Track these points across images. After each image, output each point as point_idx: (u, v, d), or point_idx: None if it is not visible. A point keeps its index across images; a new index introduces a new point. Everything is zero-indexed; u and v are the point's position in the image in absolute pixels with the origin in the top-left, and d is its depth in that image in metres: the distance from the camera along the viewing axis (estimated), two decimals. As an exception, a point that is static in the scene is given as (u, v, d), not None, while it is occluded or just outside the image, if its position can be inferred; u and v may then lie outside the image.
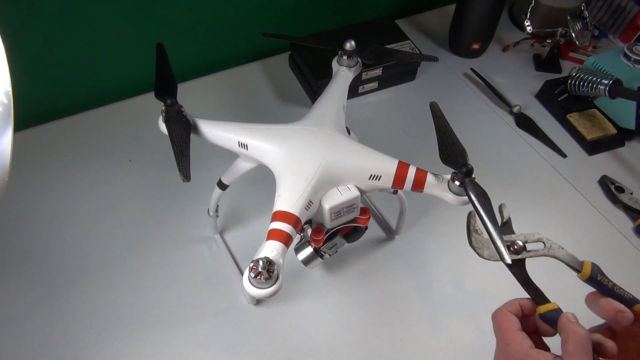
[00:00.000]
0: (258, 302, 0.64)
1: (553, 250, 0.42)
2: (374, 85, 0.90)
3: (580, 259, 0.41)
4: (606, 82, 0.78)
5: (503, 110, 0.89)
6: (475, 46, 0.95)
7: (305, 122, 0.53)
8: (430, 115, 0.48)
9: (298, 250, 0.56)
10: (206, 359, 0.60)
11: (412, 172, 0.48)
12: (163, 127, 0.50)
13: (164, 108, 0.50)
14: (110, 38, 0.81)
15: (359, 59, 0.61)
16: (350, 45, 0.58)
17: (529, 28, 0.92)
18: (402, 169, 0.48)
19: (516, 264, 0.42)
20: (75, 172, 0.77)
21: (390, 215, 0.73)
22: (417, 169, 0.48)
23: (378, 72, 0.87)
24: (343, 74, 0.59)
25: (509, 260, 0.40)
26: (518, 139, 0.85)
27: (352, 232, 0.56)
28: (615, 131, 0.83)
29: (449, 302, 0.65)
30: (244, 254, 0.68)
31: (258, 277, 0.39)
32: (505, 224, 0.44)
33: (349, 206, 0.49)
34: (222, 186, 0.60)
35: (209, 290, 0.65)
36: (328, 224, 0.50)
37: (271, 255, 0.40)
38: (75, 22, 0.76)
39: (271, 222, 0.44)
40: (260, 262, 0.39)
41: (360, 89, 0.89)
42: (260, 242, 0.44)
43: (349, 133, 0.55)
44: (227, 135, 0.51)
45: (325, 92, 0.57)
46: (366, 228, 0.56)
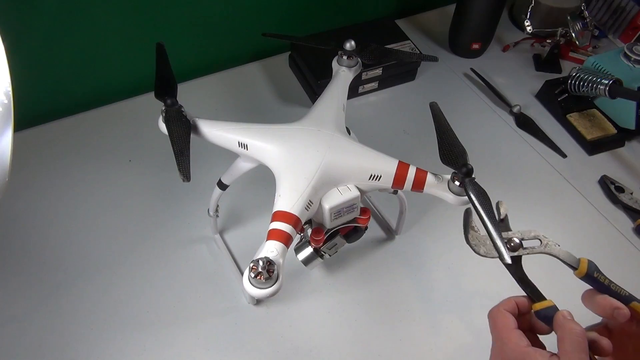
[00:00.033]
0: (258, 302, 0.64)
1: (549, 247, 0.42)
2: (374, 85, 0.90)
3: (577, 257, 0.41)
4: (606, 82, 0.78)
5: (503, 110, 0.89)
6: (475, 46, 0.95)
7: (305, 122, 0.53)
8: (430, 115, 0.48)
9: (298, 250, 0.56)
10: (206, 359, 0.60)
11: (412, 172, 0.48)
12: (163, 127, 0.50)
13: (164, 108, 0.50)
14: (110, 38, 0.81)
15: (359, 59, 0.61)
16: (350, 45, 0.58)
17: (529, 28, 0.93)
18: (402, 169, 0.48)
19: (512, 261, 0.42)
20: (75, 172, 0.77)
21: (390, 215, 0.73)
22: (417, 169, 0.48)
23: (378, 72, 0.87)
24: (343, 74, 0.59)
25: (509, 260, 0.40)
26: (518, 139, 0.85)
27: (352, 232, 0.55)
28: (615, 131, 0.83)
29: (448, 302, 0.65)
30: (244, 254, 0.68)
31: (258, 277, 0.39)
32: (502, 221, 0.44)
33: (349, 206, 0.49)
34: (222, 186, 0.60)
35: (209, 290, 0.65)
36: (328, 224, 0.50)
37: (271, 255, 0.40)
38: (75, 22, 0.76)
39: (271, 222, 0.44)
40: (260, 262, 0.39)
41: (360, 89, 0.89)
42: (260, 242, 0.44)
43: (349, 133, 0.55)
44: (227, 135, 0.51)
45: (325, 92, 0.57)
46: (366, 228, 0.56)
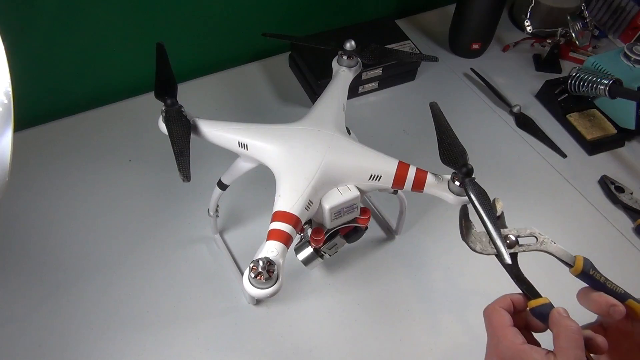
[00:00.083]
0: (258, 302, 0.64)
1: (545, 244, 0.42)
2: (374, 85, 0.90)
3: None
4: (606, 82, 0.78)
5: (503, 110, 0.89)
6: (475, 46, 0.95)
7: (305, 122, 0.53)
8: (430, 115, 0.48)
9: (298, 250, 0.56)
10: (206, 359, 0.60)
11: (412, 172, 0.48)
12: (163, 127, 0.50)
13: (164, 108, 0.50)
14: (110, 38, 0.81)
15: (359, 59, 0.61)
16: (350, 45, 0.58)
17: (529, 28, 0.93)
18: (402, 169, 0.48)
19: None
20: (75, 172, 0.77)
21: (390, 215, 0.73)
22: (417, 169, 0.48)
23: (378, 72, 0.87)
24: (343, 74, 0.59)
25: (509, 261, 0.40)
26: (518, 139, 0.85)
27: (352, 232, 0.55)
28: (615, 131, 0.83)
29: (448, 302, 0.65)
30: (244, 254, 0.68)
31: (258, 277, 0.39)
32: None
33: (349, 206, 0.49)
34: (222, 186, 0.60)
35: (209, 290, 0.65)
36: (328, 224, 0.50)
37: (271, 256, 0.40)
38: (75, 22, 0.76)
39: (271, 222, 0.44)
40: (260, 262, 0.39)
41: (360, 89, 0.89)
42: (260, 242, 0.44)
43: (349, 133, 0.55)
44: (227, 135, 0.51)
45: (325, 92, 0.57)
46: (366, 228, 0.56)
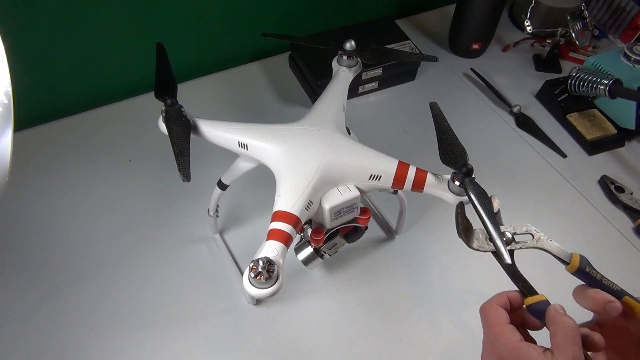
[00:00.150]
0: (258, 302, 0.64)
1: (542, 242, 0.41)
2: (374, 85, 0.90)
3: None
4: (606, 82, 0.78)
5: (503, 110, 0.89)
6: (475, 46, 0.95)
7: (305, 122, 0.53)
8: (430, 115, 0.48)
9: (298, 250, 0.56)
10: (206, 359, 0.60)
11: (412, 172, 0.48)
12: (163, 127, 0.50)
13: (164, 108, 0.50)
14: (110, 38, 0.81)
15: (359, 59, 0.61)
16: (350, 45, 0.58)
17: (529, 28, 0.93)
18: (402, 169, 0.48)
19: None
20: (75, 172, 0.77)
21: (390, 215, 0.73)
22: (417, 169, 0.48)
23: (378, 72, 0.87)
24: (343, 74, 0.59)
25: (509, 260, 0.40)
26: (518, 139, 0.85)
27: (352, 232, 0.56)
28: (615, 131, 0.83)
29: (448, 302, 0.65)
30: (244, 254, 0.68)
31: (258, 277, 0.39)
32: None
33: (349, 206, 0.49)
34: (222, 186, 0.60)
35: (209, 290, 0.65)
36: (328, 224, 0.50)
37: (271, 255, 0.40)
38: (75, 22, 0.76)
39: (271, 222, 0.44)
40: (260, 262, 0.39)
41: (360, 89, 0.89)
42: (260, 242, 0.44)
43: (349, 133, 0.55)
44: (227, 135, 0.51)
45: (325, 92, 0.57)
46: (366, 228, 0.56)
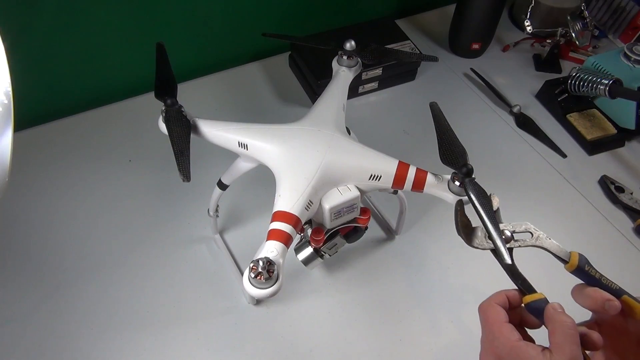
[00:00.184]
0: (258, 302, 0.64)
1: (541, 240, 0.41)
2: (374, 85, 0.90)
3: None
4: (606, 82, 0.78)
5: (503, 110, 0.89)
6: (475, 46, 0.95)
7: (305, 122, 0.53)
8: (430, 115, 0.48)
9: (298, 250, 0.56)
10: (206, 358, 0.60)
11: (412, 172, 0.48)
12: (163, 127, 0.50)
13: (164, 108, 0.50)
14: (110, 38, 0.81)
15: (359, 59, 0.61)
16: (350, 45, 0.58)
17: (529, 28, 0.93)
18: (402, 169, 0.48)
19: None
20: (75, 172, 0.77)
21: (390, 215, 0.73)
22: (417, 169, 0.48)
23: (378, 72, 0.87)
24: (343, 74, 0.59)
25: (509, 261, 0.40)
26: (518, 139, 0.85)
27: (352, 232, 0.55)
28: (615, 131, 0.83)
29: (448, 302, 0.65)
30: (244, 254, 0.68)
31: (258, 277, 0.39)
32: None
33: (349, 206, 0.49)
34: (222, 186, 0.60)
35: (209, 290, 0.65)
36: (328, 224, 0.50)
37: (271, 256, 0.40)
38: (75, 21, 0.76)
39: (271, 222, 0.44)
40: (260, 262, 0.39)
41: (360, 89, 0.89)
42: (260, 242, 0.44)
43: (349, 133, 0.55)
44: (227, 135, 0.51)
45: (325, 92, 0.57)
46: (366, 228, 0.56)
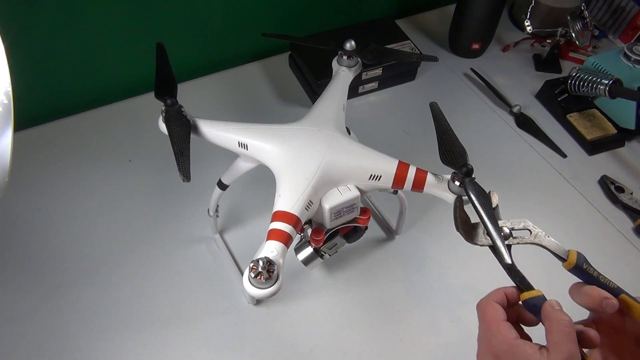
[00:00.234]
0: (258, 302, 0.64)
1: (539, 238, 0.41)
2: (374, 85, 0.90)
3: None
4: (606, 82, 0.78)
5: (503, 110, 0.89)
6: (475, 46, 0.95)
7: (305, 122, 0.53)
8: (430, 115, 0.48)
9: (298, 250, 0.56)
10: (206, 358, 0.60)
11: (412, 172, 0.48)
12: (163, 127, 0.50)
13: (164, 108, 0.50)
14: (110, 38, 0.81)
15: (359, 59, 0.61)
16: (350, 45, 0.58)
17: (529, 28, 0.93)
18: (402, 169, 0.48)
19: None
20: (75, 172, 0.77)
21: (390, 215, 0.73)
22: (417, 169, 0.48)
23: (378, 72, 0.87)
24: (343, 74, 0.59)
25: (509, 261, 0.40)
26: (518, 139, 0.85)
27: (352, 232, 0.56)
28: (615, 131, 0.83)
29: (448, 302, 0.65)
30: (244, 254, 0.68)
31: (258, 277, 0.39)
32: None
33: (349, 206, 0.49)
34: (222, 186, 0.60)
35: (209, 290, 0.65)
36: (328, 224, 0.50)
37: (271, 255, 0.40)
38: (75, 22, 0.76)
39: (271, 222, 0.44)
40: (260, 262, 0.39)
41: (360, 89, 0.89)
42: (260, 242, 0.44)
43: (349, 133, 0.55)
44: (227, 135, 0.51)
45: (325, 92, 0.57)
46: (366, 228, 0.56)
